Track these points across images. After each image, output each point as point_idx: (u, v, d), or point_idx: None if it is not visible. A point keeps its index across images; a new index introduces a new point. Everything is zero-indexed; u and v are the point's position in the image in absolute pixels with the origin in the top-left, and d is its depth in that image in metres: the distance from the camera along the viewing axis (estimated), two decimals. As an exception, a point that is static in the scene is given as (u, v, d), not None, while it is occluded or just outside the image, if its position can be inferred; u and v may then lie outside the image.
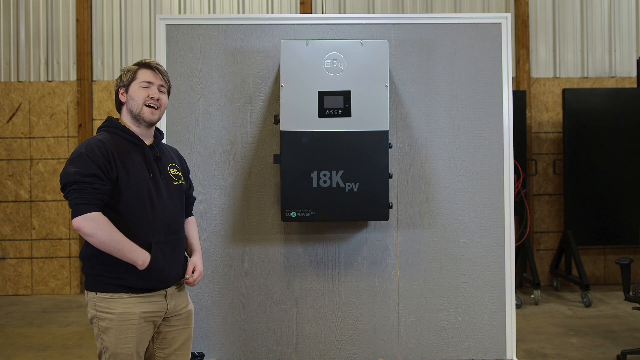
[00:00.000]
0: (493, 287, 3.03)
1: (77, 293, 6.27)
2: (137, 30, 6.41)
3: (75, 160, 2.07)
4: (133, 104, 2.22)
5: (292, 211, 2.79)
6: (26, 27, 6.37)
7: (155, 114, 2.25)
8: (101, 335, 2.14)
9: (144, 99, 2.22)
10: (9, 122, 6.31)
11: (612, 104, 5.91)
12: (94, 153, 2.08)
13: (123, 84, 2.25)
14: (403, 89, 3.03)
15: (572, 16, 6.50)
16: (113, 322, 2.12)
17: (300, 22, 3.04)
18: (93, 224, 2.03)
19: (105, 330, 2.13)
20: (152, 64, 2.28)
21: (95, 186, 2.05)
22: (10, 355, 4.22)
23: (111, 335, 2.12)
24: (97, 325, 2.15)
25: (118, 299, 2.13)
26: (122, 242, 2.07)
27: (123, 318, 2.12)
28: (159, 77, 2.27)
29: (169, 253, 2.23)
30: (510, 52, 3.04)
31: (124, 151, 2.17)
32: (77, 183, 2.04)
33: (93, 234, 2.03)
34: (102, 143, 2.12)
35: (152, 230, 2.16)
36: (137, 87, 2.23)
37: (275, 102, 2.99)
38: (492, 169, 3.04)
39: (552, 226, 6.41)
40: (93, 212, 2.03)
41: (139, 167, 2.17)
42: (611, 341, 4.35)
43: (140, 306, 2.16)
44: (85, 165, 2.05)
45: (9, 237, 6.28)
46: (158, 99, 2.25)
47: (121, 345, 2.13)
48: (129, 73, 2.25)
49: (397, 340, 3.03)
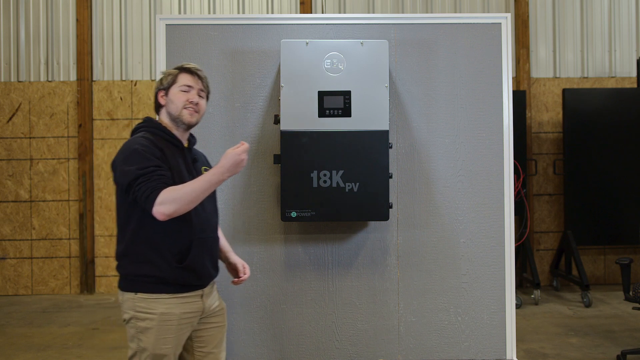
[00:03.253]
0: (493, 287, 3.03)
1: (77, 293, 6.27)
2: (137, 30, 6.42)
3: (132, 158, 2.08)
4: (172, 107, 2.26)
5: (292, 211, 2.79)
6: (26, 27, 6.38)
7: (194, 116, 2.28)
8: (139, 335, 2.14)
9: (183, 102, 2.25)
10: (9, 122, 6.31)
11: (612, 104, 5.91)
12: (148, 147, 2.12)
13: (163, 86, 2.29)
14: (403, 89, 3.03)
15: (572, 16, 6.50)
16: (154, 322, 2.12)
17: (300, 22, 3.04)
18: (167, 204, 2.03)
19: (144, 330, 2.13)
20: (192, 68, 2.32)
21: (159, 173, 2.07)
22: (10, 355, 4.22)
23: (150, 336, 2.12)
24: (135, 326, 2.14)
25: (159, 300, 2.14)
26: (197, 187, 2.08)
27: (163, 319, 2.13)
28: (199, 82, 2.31)
29: (207, 251, 2.26)
30: (510, 52, 3.04)
31: (168, 151, 2.21)
32: (140, 177, 2.05)
33: (175, 208, 2.04)
34: (149, 141, 2.16)
35: (193, 228, 2.19)
36: (177, 90, 2.26)
37: (275, 102, 2.99)
38: (492, 169, 3.04)
39: (552, 226, 6.42)
40: (159, 196, 2.03)
41: (180, 167, 2.21)
42: (611, 341, 4.35)
43: (181, 307, 2.17)
44: (144, 160, 2.08)
45: (9, 237, 6.28)
46: (197, 103, 2.29)
47: (160, 345, 2.13)
48: (169, 77, 2.29)
49: (397, 340, 3.03)
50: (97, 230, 6.32)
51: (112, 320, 5.14)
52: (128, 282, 2.17)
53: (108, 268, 6.31)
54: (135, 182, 2.05)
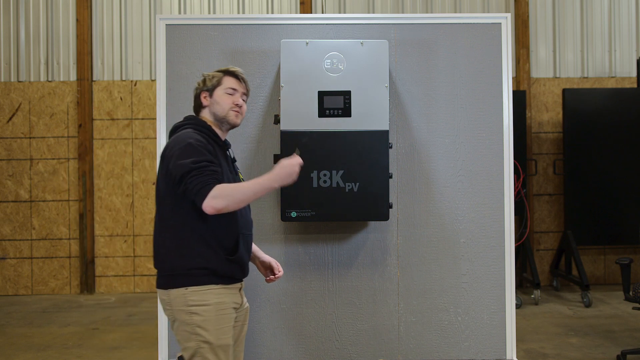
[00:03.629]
0: (493, 287, 3.03)
1: (77, 293, 6.27)
2: (137, 30, 6.42)
3: (188, 151, 2.12)
4: (218, 107, 2.33)
5: (292, 211, 2.79)
6: (26, 27, 6.37)
7: (239, 118, 2.38)
8: (198, 330, 2.12)
9: (230, 105, 2.33)
10: (9, 122, 6.31)
11: (612, 104, 5.91)
12: (202, 142, 2.17)
13: (207, 88, 2.35)
14: (403, 89, 3.03)
15: (572, 16, 6.50)
16: (211, 312, 2.14)
17: (300, 22, 3.04)
18: (219, 199, 2.06)
19: (203, 323, 2.13)
20: (237, 72, 2.39)
21: (212, 169, 2.12)
22: (10, 355, 4.22)
23: (211, 327, 2.13)
24: (192, 321, 2.13)
25: (210, 291, 2.16)
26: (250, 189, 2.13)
27: (219, 307, 2.16)
28: (242, 85, 2.39)
29: (247, 248, 2.33)
30: (510, 52, 3.04)
31: (215, 149, 2.27)
32: (193, 170, 2.09)
33: (226, 205, 2.08)
34: (200, 136, 2.21)
35: (239, 224, 2.26)
36: (222, 92, 2.33)
37: (275, 102, 2.99)
38: (492, 169, 3.04)
39: (552, 226, 6.42)
40: (212, 190, 2.06)
41: (223, 165, 2.28)
42: (611, 341, 4.35)
43: (230, 297, 2.23)
44: (199, 153, 2.12)
45: (9, 237, 6.29)
46: (241, 106, 2.38)
47: (221, 336, 2.15)
48: (214, 79, 2.35)
49: (397, 340, 3.03)
50: (97, 230, 6.32)
51: (112, 320, 5.14)
52: (176, 277, 2.15)
53: (108, 268, 6.31)
54: (188, 174, 2.08)
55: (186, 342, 2.15)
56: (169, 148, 2.19)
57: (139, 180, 6.33)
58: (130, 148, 6.31)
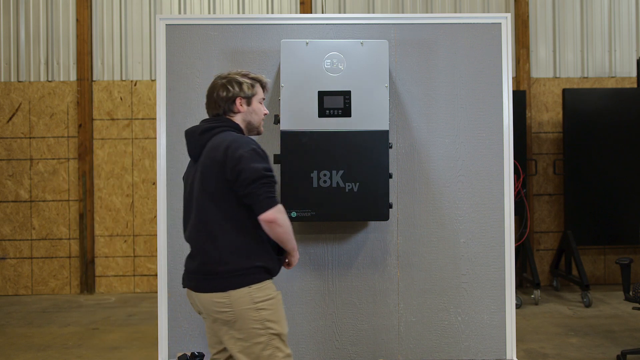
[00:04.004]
0: (493, 287, 3.03)
1: (77, 293, 6.27)
2: (137, 30, 6.41)
3: (257, 156, 2.18)
4: (255, 117, 2.38)
5: (292, 211, 2.79)
6: (26, 27, 6.37)
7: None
8: (268, 324, 2.20)
9: (262, 115, 2.42)
10: (9, 122, 6.31)
11: (612, 104, 5.90)
12: (262, 150, 2.23)
13: (245, 95, 2.34)
14: (403, 89, 3.03)
15: (572, 16, 6.50)
16: (275, 305, 2.24)
17: (300, 22, 3.04)
18: (283, 215, 2.19)
19: (271, 316, 2.21)
20: (268, 84, 2.46)
21: (274, 179, 2.21)
22: (10, 355, 4.22)
23: (277, 318, 2.23)
24: (260, 318, 2.18)
25: (268, 286, 2.24)
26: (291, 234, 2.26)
27: (279, 300, 2.28)
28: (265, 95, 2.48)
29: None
30: (510, 52, 3.04)
31: None
32: (265, 177, 2.15)
33: (284, 223, 2.18)
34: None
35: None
36: (257, 102, 2.39)
37: (275, 102, 2.99)
38: (492, 169, 3.04)
39: (552, 226, 6.41)
40: (280, 204, 2.18)
41: None
42: (611, 341, 4.35)
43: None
44: (266, 161, 2.22)
45: (9, 237, 6.28)
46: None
47: (284, 324, 2.27)
48: (252, 88, 2.36)
49: (397, 340, 3.03)
50: (97, 230, 6.32)
51: (112, 320, 5.14)
52: (239, 277, 2.18)
53: (108, 268, 6.31)
54: (259, 180, 2.13)
55: (256, 338, 2.19)
56: (229, 149, 2.16)
57: (139, 180, 6.33)
58: (130, 148, 6.31)
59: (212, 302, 2.19)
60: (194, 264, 2.26)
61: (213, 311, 2.20)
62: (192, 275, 2.27)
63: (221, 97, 2.32)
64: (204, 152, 2.25)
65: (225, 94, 2.32)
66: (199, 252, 2.24)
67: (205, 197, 2.21)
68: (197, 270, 2.24)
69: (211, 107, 2.37)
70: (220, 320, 2.21)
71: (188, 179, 2.35)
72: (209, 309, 2.21)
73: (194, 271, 2.25)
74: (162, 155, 3.01)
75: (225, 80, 2.35)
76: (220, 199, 2.19)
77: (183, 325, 3.01)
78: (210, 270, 2.19)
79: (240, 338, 2.19)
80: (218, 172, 2.17)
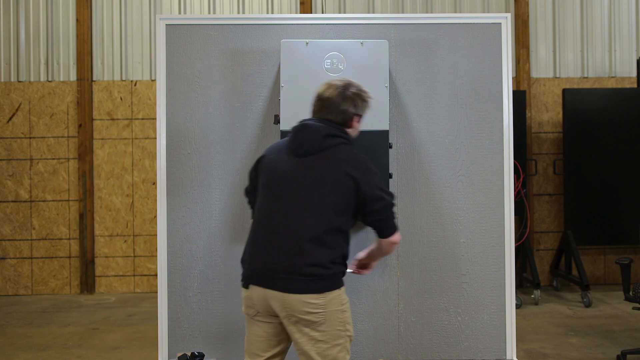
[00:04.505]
0: (493, 287, 3.03)
1: (77, 293, 6.27)
2: (137, 30, 6.41)
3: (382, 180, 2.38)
4: (355, 135, 2.41)
5: (292, 211, 2.78)
6: (26, 27, 6.37)
7: None
8: (347, 326, 2.26)
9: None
10: (9, 122, 6.31)
11: (612, 104, 5.90)
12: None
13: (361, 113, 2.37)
14: (403, 89, 3.03)
15: (572, 16, 6.50)
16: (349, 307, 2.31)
17: (300, 22, 3.04)
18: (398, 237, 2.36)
19: (348, 318, 2.28)
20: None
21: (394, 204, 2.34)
22: (10, 355, 4.22)
23: (351, 321, 2.30)
24: (343, 320, 2.23)
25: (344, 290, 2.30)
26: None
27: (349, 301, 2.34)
28: None
29: None
30: (510, 52, 3.04)
31: None
32: (392, 204, 2.30)
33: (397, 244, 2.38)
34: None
35: None
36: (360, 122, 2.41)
37: (275, 102, 2.99)
38: (492, 169, 3.04)
39: (552, 226, 6.41)
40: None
41: None
42: (611, 341, 4.35)
43: None
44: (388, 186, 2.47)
45: (9, 237, 6.28)
46: None
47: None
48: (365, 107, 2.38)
49: (397, 340, 3.03)
50: (97, 230, 6.32)
51: (112, 320, 5.14)
52: (335, 280, 2.23)
53: (108, 268, 6.31)
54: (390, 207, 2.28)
55: (336, 340, 2.21)
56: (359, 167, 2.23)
57: (139, 180, 6.33)
58: (130, 148, 6.31)
59: (303, 302, 2.15)
60: (283, 263, 2.17)
61: (301, 312, 2.15)
62: (282, 275, 2.16)
63: (346, 110, 2.30)
64: (325, 158, 2.22)
65: (352, 109, 2.31)
66: (294, 252, 2.17)
67: (326, 204, 2.20)
68: (289, 270, 2.16)
69: (328, 112, 2.31)
70: (304, 321, 2.16)
71: (280, 167, 2.27)
72: (295, 309, 2.15)
73: (285, 271, 2.16)
74: (162, 155, 3.01)
75: (353, 93, 2.32)
76: (341, 211, 2.21)
77: (183, 325, 3.01)
78: (313, 272, 2.16)
79: (322, 340, 2.17)
80: (348, 187, 2.20)
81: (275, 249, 2.19)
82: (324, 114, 2.30)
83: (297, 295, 2.14)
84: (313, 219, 2.18)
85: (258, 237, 2.25)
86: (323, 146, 2.23)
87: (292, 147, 2.26)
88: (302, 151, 2.24)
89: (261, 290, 2.20)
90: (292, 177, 2.23)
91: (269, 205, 2.26)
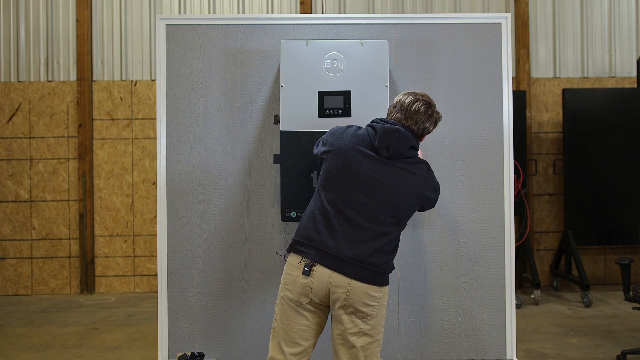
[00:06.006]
0: (493, 287, 3.03)
1: (77, 293, 6.27)
2: (137, 30, 6.41)
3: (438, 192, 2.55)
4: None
5: (292, 211, 2.79)
6: (26, 27, 6.37)
7: None
8: (382, 321, 2.35)
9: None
10: (9, 122, 6.31)
11: (612, 104, 5.91)
12: None
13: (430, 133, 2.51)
14: (403, 89, 3.02)
15: (572, 16, 6.50)
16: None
17: (300, 22, 3.04)
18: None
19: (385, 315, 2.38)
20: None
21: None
22: (10, 355, 4.22)
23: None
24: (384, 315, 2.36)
25: None
26: None
27: None
28: None
29: None
30: (510, 52, 3.04)
31: None
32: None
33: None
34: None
35: None
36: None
37: (275, 102, 2.99)
38: (492, 169, 3.04)
39: (552, 226, 6.41)
40: None
41: None
42: (611, 341, 4.35)
43: None
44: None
45: (9, 237, 6.28)
46: None
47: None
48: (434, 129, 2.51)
49: (397, 340, 3.03)
50: (97, 230, 6.32)
51: (112, 320, 5.14)
52: (387, 276, 2.34)
53: (108, 268, 6.31)
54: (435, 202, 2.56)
55: (378, 335, 2.33)
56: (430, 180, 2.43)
57: (139, 180, 6.33)
58: (130, 148, 6.31)
59: (366, 293, 2.26)
60: (358, 252, 2.26)
61: (361, 302, 2.25)
62: (355, 262, 2.25)
63: (427, 127, 2.44)
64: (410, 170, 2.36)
65: (431, 127, 2.45)
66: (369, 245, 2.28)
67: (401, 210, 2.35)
68: (363, 260, 2.26)
69: (413, 123, 2.41)
70: (360, 312, 2.26)
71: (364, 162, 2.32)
72: (356, 299, 2.24)
73: (358, 260, 2.26)
74: (162, 155, 3.01)
75: (435, 113, 2.45)
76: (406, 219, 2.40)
77: (183, 325, 3.01)
78: (381, 265, 2.30)
79: (368, 334, 2.28)
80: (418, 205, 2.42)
81: (354, 238, 2.28)
82: (410, 124, 2.41)
83: (363, 285, 2.25)
84: (389, 218, 2.31)
85: (334, 222, 2.28)
86: (405, 155, 2.36)
87: (377, 146, 2.33)
88: (388, 153, 2.33)
89: (327, 273, 2.25)
90: (379, 176, 2.31)
91: (351, 194, 2.30)
